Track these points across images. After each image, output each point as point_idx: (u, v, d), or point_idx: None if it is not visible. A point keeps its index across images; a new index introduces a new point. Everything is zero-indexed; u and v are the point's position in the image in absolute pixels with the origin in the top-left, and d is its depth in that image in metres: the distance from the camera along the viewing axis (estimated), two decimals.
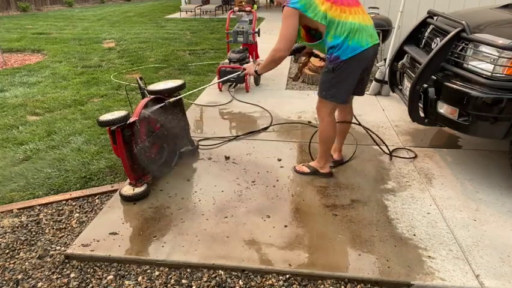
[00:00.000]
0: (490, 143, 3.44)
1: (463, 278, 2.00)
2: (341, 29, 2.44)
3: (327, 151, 2.88)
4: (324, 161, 2.91)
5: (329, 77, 2.59)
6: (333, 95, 2.64)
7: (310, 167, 2.96)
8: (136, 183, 2.70)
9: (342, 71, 2.52)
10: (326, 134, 2.80)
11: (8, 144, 3.62)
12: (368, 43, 2.50)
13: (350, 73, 2.55)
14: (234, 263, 2.11)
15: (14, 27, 11.01)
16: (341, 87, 2.61)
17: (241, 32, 5.08)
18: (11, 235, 2.43)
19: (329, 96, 2.65)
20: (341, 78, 2.56)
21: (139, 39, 8.93)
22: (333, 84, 2.60)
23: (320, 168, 2.93)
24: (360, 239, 2.28)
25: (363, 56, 2.51)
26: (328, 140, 2.83)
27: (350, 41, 2.45)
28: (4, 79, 5.76)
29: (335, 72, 2.53)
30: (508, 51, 2.38)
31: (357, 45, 2.46)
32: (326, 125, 2.77)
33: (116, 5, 18.73)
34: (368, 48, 2.51)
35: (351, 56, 2.46)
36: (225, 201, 2.65)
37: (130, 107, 3.44)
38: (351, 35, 2.44)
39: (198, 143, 3.42)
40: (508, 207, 2.58)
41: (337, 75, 2.54)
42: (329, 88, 2.62)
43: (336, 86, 2.60)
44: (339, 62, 2.49)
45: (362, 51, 2.47)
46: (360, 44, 2.47)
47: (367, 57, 2.56)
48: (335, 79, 2.57)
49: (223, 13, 14.20)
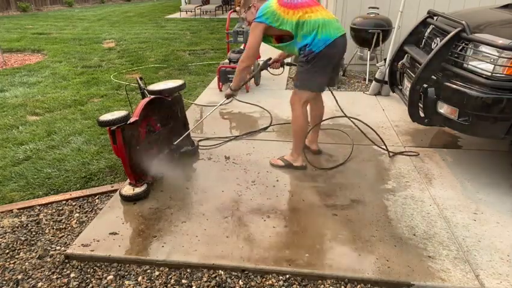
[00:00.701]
0: (490, 143, 3.44)
1: (463, 278, 2.00)
2: (307, 28, 2.64)
3: (299, 143, 3.00)
4: (297, 153, 3.04)
5: (304, 68, 2.75)
6: (308, 86, 2.82)
7: (284, 160, 3.07)
8: (136, 183, 2.70)
9: (316, 61, 2.68)
10: (299, 125, 2.92)
11: (8, 144, 3.62)
12: (336, 34, 2.67)
13: (324, 63, 2.72)
14: (234, 263, 2.11)
15: (14, 27, 11.01)
16: (317, 77, 2.77)
17: (241, 32, 5.08)
18: (11, 235, 2.43)
19: (305, 86, 2.82)
20: (316, 68, 2.71)
21: (139, 39, 8.93)
22: (309, 75, 2.76)
23: (293, 161, 3.03)
24: (360, 239, 2.28)
25: (334, 45, 2.67)
26: (300, 130, 2.95)
27: (319, 35, 2.63)
28: (4, 79, 5.77)
29: (310, 63, 2.70)
30: (508, 51, 2.38)
31: (326, 37, 2.64)
32: (299, 115, 2.89)
33: (116, 5, 18.73)
34: (337, 38, 2.68)
35: (323, 47, 2.64)
36: (225, 201, 2.65)
37: (130, 107, 3.44)
38: (318, 30, 2.63)
39: (198, 143, 3.42)
40: (508, 207, 2.58)
41: (312, 66, 2.70)
42: (306, 78, 2.79)
43: (313, 76, 2.76)
44: (313, 55, 2.66)
45: (332, 41, 2.65)
46: (329, 35, 2.65)
47: (338, 47, 2.73)
48: (311, 69, 2.72)
49: (223, 13, 14.20)
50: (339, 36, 2.69)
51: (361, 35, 5.14)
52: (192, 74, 5.98)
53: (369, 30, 5.01)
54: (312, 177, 2.95)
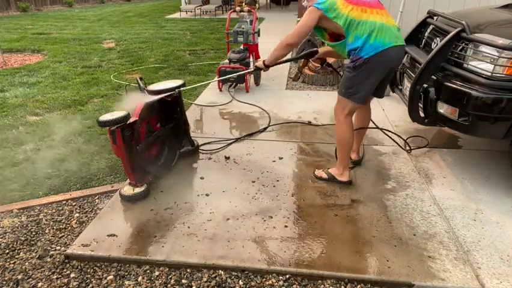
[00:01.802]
0: (490, 143, 3.44)
1: (463, 278, 2.00)
2: (361, 28, 2.41)
3: (345, 156, 2.77)
4: (342, 167, 2.79)
5: (350, 75, 2.54)
6: (352, 94, 2.58)
7: (328, 173, 2.87)
8: (136, 183, 2.70)
9: (363, 69, 2.46)
10: (343, 136, 2.71)
11: (8, 144, 3.62)
12: (391, 42, 2.43)
13: (371, 72, 2.49)
14: (234, 263, 2.11)
15: (14, 27, 11.01)
16: (362, 86, 2.54)
17: (241, 32, 5.08)
18: (11, 235, 2.43)
19: (348, 94, 2.59)
20: (362, 77, 2.50)
21: (139, 40, 8.93)
22: (354, 83, 2.54)
23: (338, 176, 2.81)
24: (360, 239, 2.28)
25: (386, 55, 2.43)
26: (345, 142, 2.72)
27: (372, 39, 2.40)
28: (4, 79, 5.76)
29: (356, 70, 2.48)
30: (508, 51, 2.38)
31: (379, 44, 2.40)
32: (342, 126, 2.69)
33: (116, 5, 18.73)
34: (392, 47, 2.43)
35: (373, 54, 2.40)
36: (225, 202, 2.65)
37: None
38: (373, 34, 2.40)
39: (198, 143, 3.42)
40: (508, 207, 2.58)
41: (358, 74, 2.49)
42: (350, 86, 2.57)
43: (356, 84, 2.54)
44: (361, 61, 2.44)
45: (384, 49, 2.41)
46: (383, 42, 2.41)
47: (391, 57, 2.48)
48: (356, 77, 2.51)
49: (223, 13, 14.20)
50: (394, 46, 2.44)
51: None
52: (191, 74, 5.98)
53: None
54: (313, 178, 2.95)
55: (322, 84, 5.21)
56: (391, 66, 2.56)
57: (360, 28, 2.42)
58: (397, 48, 2.48)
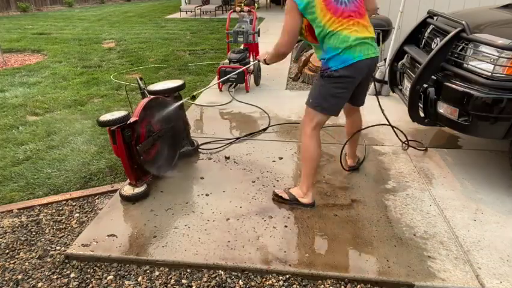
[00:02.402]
0: (490, 143, 3.44)
1: (463, 278, 2.00)
2: (334, 41, 2.28)
3: (310, 174, 2.52)
4: (306, 186, 2.55)
5: (319, 84, 2.44)
6: (319, 104, 2.42)
7: (290, 194, 2.60)
8: (136, 183, 2.70)
9: (332, 80, 2.35)
10: (308, 151, 2.48)
11: (8, 144, 3.62)
12: (360, 55, 2.30)
13: (340, 84, 2.35)
14: (234, 263, 2.11)
15: (14, 27, 11.01)
16: (329, 98, 2.40)
17: (241, 32, 5.08)
18: (11, 235, 2.43)
19: (316, 104, 2.43)
20: (330, 89, 2.37)
21: (139, 40, 8.93)
22: (322, 94, 2.41)
23: (301, 197, 2.56)
24: (360, 239, 2.28)
25: (354, 67, 2.31)
26: (311, 158, 2.49)
27: (342, 53, 2.28)
28: (4, 79, 5.77)
29: (325, 80, 2.38)
30: (508, 51, 2.38)
31: (349, 57, 2.28)
32: (308, 139, 2.47)
33: (116, 5, 18.73)
34: (361, 60, 2.31)
35: (341, 67, 2.30)
36: (226, 202, 2.65)
37: (130, 107, 3.44)
38: (344, 48, 2.27)
39: (198, 143, 3.42)
40: (508, 207, 2.58)
41: (326, 84, 2.38)
42: (317, 97, 2.43)
43: (324, 96, 2.40)
44: (329, 72, 2.34)
45: (353, 63, 2.29)
46: (353, 55, 2.29)
47: (359, 69, 2.34)
48: (324, 88, 2.39)
49: (223, 13, 14.20)
50: (363, 59, 2.31)
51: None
52: (191, 74, 5.98)
53: None
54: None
55: None
56: (360, 77, 2.40)
57: (333, 40, 2.28)
58: (367, 60, 2.35)
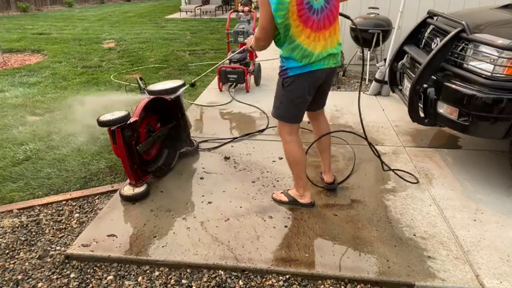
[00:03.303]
0: (490, 143, 3.44)
1: (463, 278, 2.00)
2: (298, 51, 2.21)
3: (300, 175, 2.53)
4: (302, 188, 2.56)
5: (279, 93, 2.39)
6: (280, 115, 2.42)
7: (289, 195, 2.63)
8: (136, 184, 2.70)
9: (290, 88, 2.31)
10: (292, 155, 2.49)
11: (8, 144, 3.62)
12: (320, 65, 2.27)
13: (297, 92, 2.32)
14: (234, 263, 2.11)
15: (14, 27, 11.01)
16: (289, 106, 2.37)
17: (241, 32, 5.09)
18: (11, 235, 2.43)
19: (277, 115, 2.43)
20: (289, 96, 2.34)
21: (139, 40, 8.93)
22: (282, 102, 2.38)
23: (300, 197, 2.58)
24: (360, 239, 2.28)
25: (312, 76, 2.29)
26: (296, 161, 2.49)
27: (302, 63, 2.24)
28: (4, 79, 5.77)
29: (284, 88, 2.33)
30: (507, 51, 2.38)
31: (308, 67, 2.25)
32: (288, 145, 2.48)
33: (116, 5, 18.73)
34: (319, 70, 2.28)
35: (299, 72, 2.26)
36: (226, 202, 2.65)
37: (130, 107, 3.44)
38: (304, 59, 2.23)
39: (198, 144, 3.42)
40: (508, 207, 2.58)
41: (286, 93, 2.34)
42: (278, 106, 2.41)
43: (284, 104, 2.37)
44: (288, 78, 2.29)
45: (310, 70, 2.26)
46: (312, 66, 2.26)
47: (318, 78, 2.33)
48: (284, 96, 2.35)
49: (223, 13, 14.20)
50: (323, 68, 2.29)
51: (361, 35, 5.14)
52: (191, 74, 5.97)
53: (369, 30, 5.01)
54: (312, 178, 2.94)
55: None
56: (318, 83, 2.37)
57: (297, 51, 2.21)
58: (327, 69, 2.32)
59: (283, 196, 2.65)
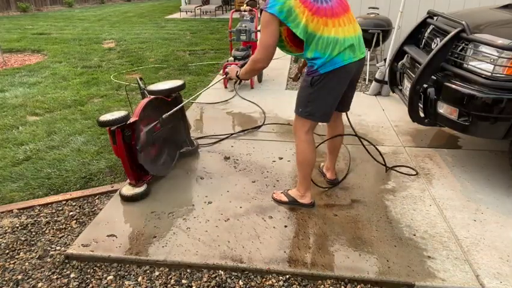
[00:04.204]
0: (490, 143, 3.44)
1: (463, 278, 2.00)
2: (321, 44, 2.17)
3: (307, 177, 2.53)
4: (304, 188, 2.56)
5: (307, 92, 2.32)
6: (310, 113, 2.35)
7: (289, 195, 2.62)
8: (136, 183, 2.70)
9: (321, 86, 2.26)
10: (304, 156, 2.46)
11: (8, 144, 3.62)
12: (350, 58, 2.24)
13: (330, 89, 2.28)
14: (234, 263, 2.11)
15: (14, 27, 11.01)
16: (320, 104, 2.32)
17: (243, 30, 5.13)
18: (11, 235, 2.43)
19: (306, 113, 2.36)
20: (319, 94, 2.28)
21: (139, 40, 8.93)
22: (311, 101, 2.31)
23: (300, 197, 2.58)
24: (360, 239, 2.28)
25: (344, 71, 2.25)
26: (307, 162, 2.48)
27: (331, 56, 2.19)
28: (4, 79, 5.76)
29: (314, 87, 2.27)
30: (507, 51, 2.38)
31: (337, 60, 2.20)
32: (302, 144, 2.44)
33: (116, 5, 18.73)
34: (350, 63, 2.25)
35: (330, 69, 2.21)
36: (226, 202, 2.65)
37: (130, 107, 3.44)
38: (332, 51, 2.18)
39: (197, 144, 3.42)
40: (508, 207, 2.58)
41: (316, 91, 2.27)
42: (307, 105, 2.34)
43: (314, 102, 2.31)
44: (318, 76, 2.23)
45: (342, 65, 2.22)
46: (342, 58, 2.21)
47: (349, 72, 2.29)
48: (313, 94, 2.29)
49: (223, 13, 14.21)
50: (352, 62, 2.25)
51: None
52: (191, 74, 5.98)
53: (369, 30, 5.01)
54: (312, 178, 2.94)
55: None
56: (349, 78, 2.35)
57: (321, 44, 2.17)
58: (356, 62, 2.29)
59: (283, 196, 2.65)
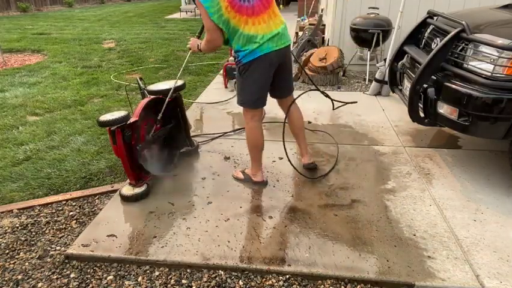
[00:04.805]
0: (490, 143, 3.44)
1: (463, 278, 2.00)
2: (242, 39, 2.39)
3: (256, 157, 2.77)
4: (255, 168, 2.81)
5: (238, 81, 2.58)
6: (243, 101, 2.60)
7: (245, 173, 2.88)
8: (136, 183, 2.70)
9: (247, 75, 2.48)
10: (251, 140, 2.70)
11: (8, 144, 3.62)
12: (269, 47, 2.41)
13: (254, 77, 2.49)
14: (234, 263, 2.11)
15: (14, 27, 11.01)
16: (248, 91, 2.55)
17: None
18: (11, 235, 2.43)
19: (241, 102, 2.61)
20: (247, 82, 2.51)
21: (139, 40, 8.93)
22: (242, 89, 2.57)
23: (253, 176, 2.82)
24: (360, 239, 2.28)
25: (265, 59, 2.42)
26: (254, 144, 2.72)
27: (251, 49, 2.39)
28: (4, 79, 5.77)
29: (242, 76, 2.51)
30: (507, 51, 2.38)
31: (257, 51, 2.39)
32: (249, 129, 2.68)
33: (116, 5, 18.73)
34: (271, 52, 2.42)
35: (251, 59, 2.41)
36: (226, 202, 2.65)
37: (130, 107, 3.44)
38: (251, 44, 2.38)
39: (198, 143, 3.42)
40: (508, 207, 2.58)
41: (244, 80, 2.52)
42: (240, 93, 2.60)
43: (244, 90, 2.56)
44: (242, 66, 2.46)
45: (261, 55, 2.40)
46: (261, 49, 2.39)
47: (270, 59, 2.45)
48: (243, 83, 2.55)
49: None
50: (273, 51, 2.43)
51: (361, 35, 5.14)
52: (191, 74, 5.98)
53: (369, 30, 5.01)
54: (313, 178, 2.94)
55: (322, 84, 5.21)
56: (274, 65, 2.51)
57: (242, 38, 2.39)
58: (277, 51, 2.45)
59: (240, 174, 2.90)
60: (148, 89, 2.99)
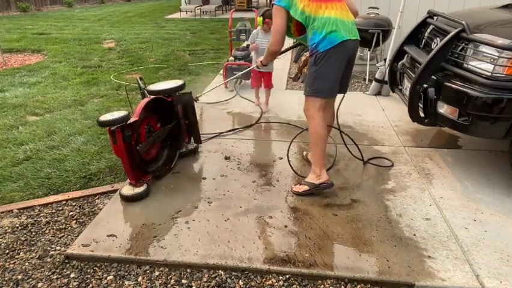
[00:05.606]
0: (490, 143, 3.44)
1: (463, 278, 2.00)
2: (317, 24, 2.51)
3: (321, 155, 2.67)
4: (319, 167, 2.67)
5: (312, 70, 2.61)
6: (317, 90, 2.61)
7: (307, 183, 2.70)
8: (136, 183, 2.70)
9: (323, 63, 2.53)
10: (317, 132, 2.65)
11: (8, 144, 3.62)
12: (345, 36, 2.51)
13: (331, 65, 2.55)
14: (234, 263, 2.11)
15: (14, 27, 11.01)
16: (324, 80, 2.59)
17: (243, 30, 5.14)
18: (11, 235, 2.42)
19: (313, 91, 2.62)
20: (322, 70, 2.56)
21: (139, 40, 8.93)
22: (316, 78, 2.59)
23: (317, 178, 2.67)
24: (360, 239, 2.28)
25: (342, 46, 2.52)
26: (320, 139, 2.66)
27: (327, 34, 2.49)
28: (4, 79, 5.77)
29: (317, 64, 2.56)
30: (507, 51, 2.38)
31: (334, 38, 2.49)
32: (314, 121, 2.65)
33: (116, 5, 18.73)
34: (347, 41, 2.52)
35: (329, 47, 2.49)
36: (226, 202, 2.65)
37: (130, 107, 3.44)
38: (327, 29, 2.49)
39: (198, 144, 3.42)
40: (508, 207, 2.58)
41: (319, 68, 2.56)
42: (313, 83, 2.61)
43: (319, 79, 2.59)
44: (318, 54, 2.53)
45: (339, 42, 2.49)
46: (337, 36, 2.49)
47: (346, 49, 2.56)
48: (318, 71, 2.57)
49: (223, 13, 14.21)
50: (348, 39, 2.52)
51: (361, 35, 5.12)
52: (192, 74, 5.98)
53: (369, 30, 5.01)
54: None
55: None
56: (348, 55, 2.62)
57: (317, 24, 2.51)
58: (351, 41, 2.57)
59: (302, 187, 2.72)
60: (148, 89, 2.99)
